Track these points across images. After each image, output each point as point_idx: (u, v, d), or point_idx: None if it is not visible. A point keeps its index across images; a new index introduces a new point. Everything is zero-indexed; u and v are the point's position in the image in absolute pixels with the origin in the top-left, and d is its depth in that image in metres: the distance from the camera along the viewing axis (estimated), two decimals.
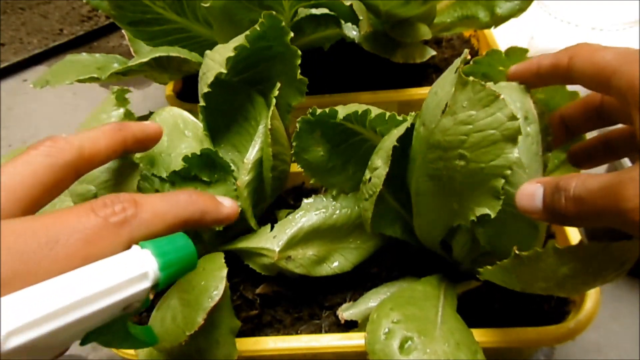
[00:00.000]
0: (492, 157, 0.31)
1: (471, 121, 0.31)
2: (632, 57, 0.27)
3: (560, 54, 0.32)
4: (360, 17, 0.55)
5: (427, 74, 0.70)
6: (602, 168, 0.56)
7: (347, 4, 0.53)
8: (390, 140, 0.37)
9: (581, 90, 0.37)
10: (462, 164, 0.32)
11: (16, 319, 0.18)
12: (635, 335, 0.54)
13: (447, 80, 0.33)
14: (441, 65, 0.71)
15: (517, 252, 0.31)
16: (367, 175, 0.39)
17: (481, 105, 0.30)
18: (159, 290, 0.23)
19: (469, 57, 0.34)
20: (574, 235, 0.45)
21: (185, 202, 0.26)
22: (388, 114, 0.39)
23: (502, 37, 0.70)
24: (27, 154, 0.25)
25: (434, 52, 0.64)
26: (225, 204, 0.30)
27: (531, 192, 0.30)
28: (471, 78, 0.30)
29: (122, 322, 0.23)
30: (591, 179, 0.27)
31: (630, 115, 0.27)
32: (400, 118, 0.39)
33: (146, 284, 0.22)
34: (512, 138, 0.30)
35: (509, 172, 0.31)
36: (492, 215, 0.33)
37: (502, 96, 0.30)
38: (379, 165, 0.38)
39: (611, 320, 0.56)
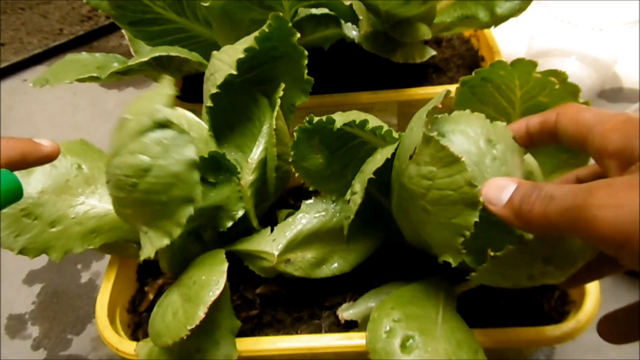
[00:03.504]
0: (451, 214, 0.31)
1: (432, 177, 0.31)
2: (607, 118, 0.28)
3: (548, 112, 0.32)
4: (360, 17, 0.55)
5: (427, 74, 0.70)
6: None
7: (347, 3, 0.53)
8: (371, 165, 0.37)
9: (583, 90, 0.37)
10: (425, 215, 0.32)
11: None
12: None
13: (420, 120, 0.33)
14: (441, 65, 0.71)
15: (491, 254, 0.30)
16: (349, 195, 0.40)
17: (441, 164, 0.30)
18: None
19: (439, 106, 0.33)
20: None
21: (3, 147, 0.29)
22: (385, 128, 0.39)
23: (502, 37, 0.70)
24: None
25: (434, 52, 0.64)
26: (45, 143, 0.32)
27: (501, 185, 0.28)
28: (435, 134, 0.30)
29: None
30: (567, 185, 0.25)
31: (605, 171, 0.27)
32: (396, 135, 0.39)
33: None
34: (470, 203, 0.30)
35: (468, 232, 0.31)
36: (453, 265, 0.33)
37: (463, 159, 0.29)
38: (357, 191, 0.38)
39: None
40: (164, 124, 0.32)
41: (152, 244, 0.36)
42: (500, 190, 0.28)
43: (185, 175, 0.33)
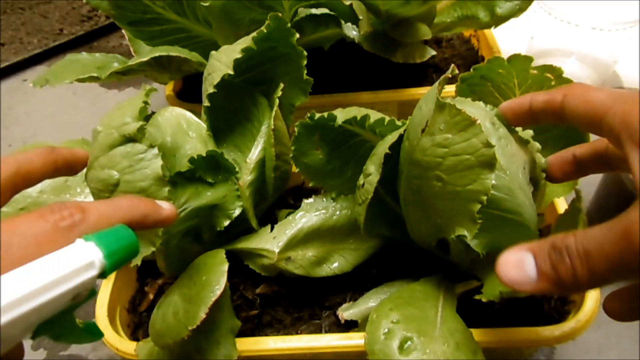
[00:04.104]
0: (468, 181, 0.31)
1: (447, 144, 0.31)
2: (626, 97, 0.27)
3: (554, 91, 0.32)
4: (360, 17, 0.55)
5: (427, 74, 0.70)
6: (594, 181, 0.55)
7: (347, 3, 0.53)
8: (383, 147, 0.37)
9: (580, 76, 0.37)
10: (439, 185, 0.32)
11: None
12: (635, 335, 0.54)
13: (430, 96, 0.33)
14: (441, 65, 0.71)
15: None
16: (361, 180, 0.40)
17: (457, 129, 0.30)
18: (105, 277, 0.25)
19: (450, 75, 0.34)
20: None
21: (128, 205, 0.28)
22: (387, 119, 0.39)
23: (502, 37, 0.70)
24: None
25: (434, 52, 0.64)
26: (164, 207, 0.32)
27: (517, 260, 0.25)
28: (449, 100, 0.30)
29: (70, 314, 0.25)
30: (590, 231, 0.23)
31: (625, 155, 0.25)
32: (399, 123, 0.39)
33: (93, 272, 0.23)
34: (488, 164, 0.30)
35: (485, 197, 0.31)
36: (469, 238, 0.33)
37: (478, 121, 0.30)
38: (372, 172, 0.38)
39: (611, 320, 0.56)
40: (131, 138, 0.32)
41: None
42: (520, 267, 0.25)
43: (153, 190, 0.34)
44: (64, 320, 0.25)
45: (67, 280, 0.22)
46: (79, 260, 0.23)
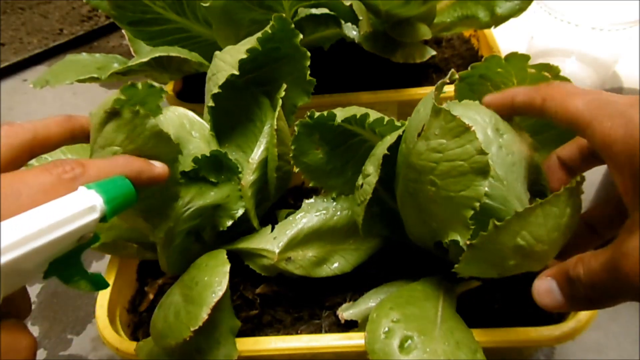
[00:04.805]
0: (461, 187, 0.31)
1: (442, 149, 0.31)
2: (603, 111, 0.27)
3: (534, 92, 0.32)
4: (360, 17, 0.55)
5: (427, 74, 0.70)
6: (595, 181, 0.55)
7: (347, 3, 0.53)
8: (381, 148, 0.38)
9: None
10: (433, 190, 0.32)
11: None
12: (635, 335, 0.54)
13: (428, 100, 0.33)
14: (441, 65, 0.71)
15: (468, 242, 0.31)
16: (360, 181, 0.40)
17: (451, 135, 0.30)
18: (107, 221, 0.28)
19: (448, 80, 0.33)
20: None
21: (124, 162, 0.31)
22: (386, 118, 0.39)
23: (502, 37, 0.70)
24: None
25: (434, 52, 0.64)
26: (157, 165, 0.34)
27: (547, 289, 0.30)
28: (444, 106, 0.30)
29: (78, 257, 0.28)
30: (593, 260, 0.27)
31: (611, 174, 0.27)
32: (398, 124, 0.39)
33: (94, 215, 0.26)
34: (481, 171, 0.30)
35: (477, 204, 0.31)
36: (461, 243, 0.33)
37: (472, 128, 0.30)
38: (371, 172, 0.38)
39: (611, 320, 0.56)
40: (115, 111, 0.33)
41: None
42: (550, 295, 0.30)
43: (161, 149, 0.35)
44: (73, 263, 0.27)
45: (71, 221, 0.25)
46: (81, 204, 0.26)
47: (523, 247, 0.31)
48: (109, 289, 0.48)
